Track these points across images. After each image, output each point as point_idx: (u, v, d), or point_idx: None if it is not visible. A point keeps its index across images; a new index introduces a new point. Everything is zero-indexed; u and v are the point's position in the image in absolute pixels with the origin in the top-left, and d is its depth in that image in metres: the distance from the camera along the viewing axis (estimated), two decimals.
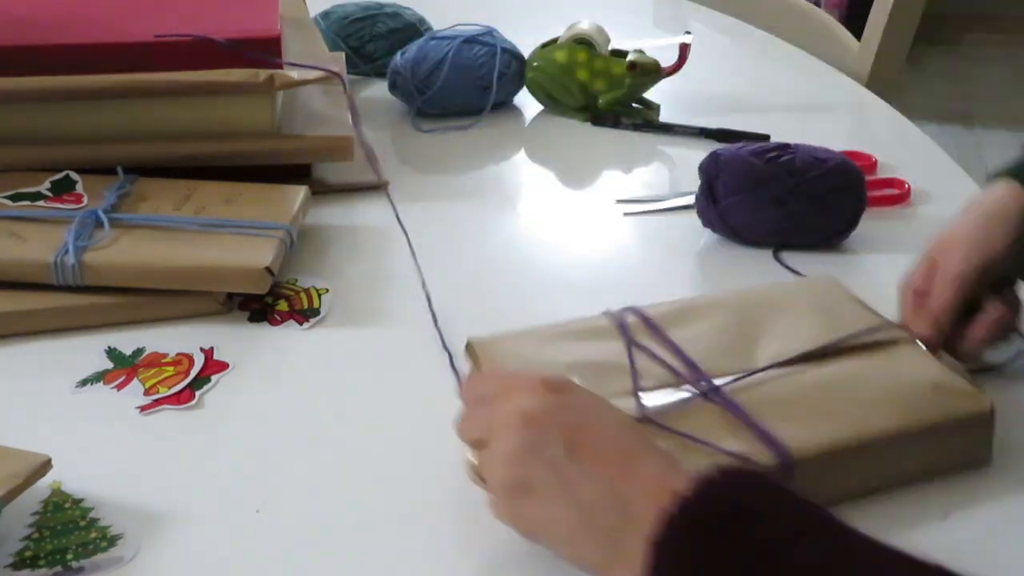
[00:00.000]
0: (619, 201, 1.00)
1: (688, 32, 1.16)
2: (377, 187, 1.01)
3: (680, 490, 0.51)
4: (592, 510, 0.53)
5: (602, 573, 0.53)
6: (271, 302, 0.84)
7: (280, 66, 0.95)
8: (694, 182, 1.02)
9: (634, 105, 1.16)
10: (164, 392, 0.75)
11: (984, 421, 0.67)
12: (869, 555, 0.48)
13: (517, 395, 0.58)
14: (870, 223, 0.93)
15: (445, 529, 0.65)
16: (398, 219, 0.96)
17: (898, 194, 1.00)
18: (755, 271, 0.88)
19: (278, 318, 0.83)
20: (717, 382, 0.67)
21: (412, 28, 1.22)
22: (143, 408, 0.74)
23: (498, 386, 0.61)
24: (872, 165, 1.04)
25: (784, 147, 0.91)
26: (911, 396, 0.66)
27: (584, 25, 1.16)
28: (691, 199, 0.99)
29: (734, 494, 0.51)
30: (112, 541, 0.63)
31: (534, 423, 0.55)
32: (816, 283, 0.79)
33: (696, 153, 1.09)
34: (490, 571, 0.63)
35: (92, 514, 0.65)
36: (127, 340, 0.80)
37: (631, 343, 0.71)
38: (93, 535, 0.63)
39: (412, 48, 1.13)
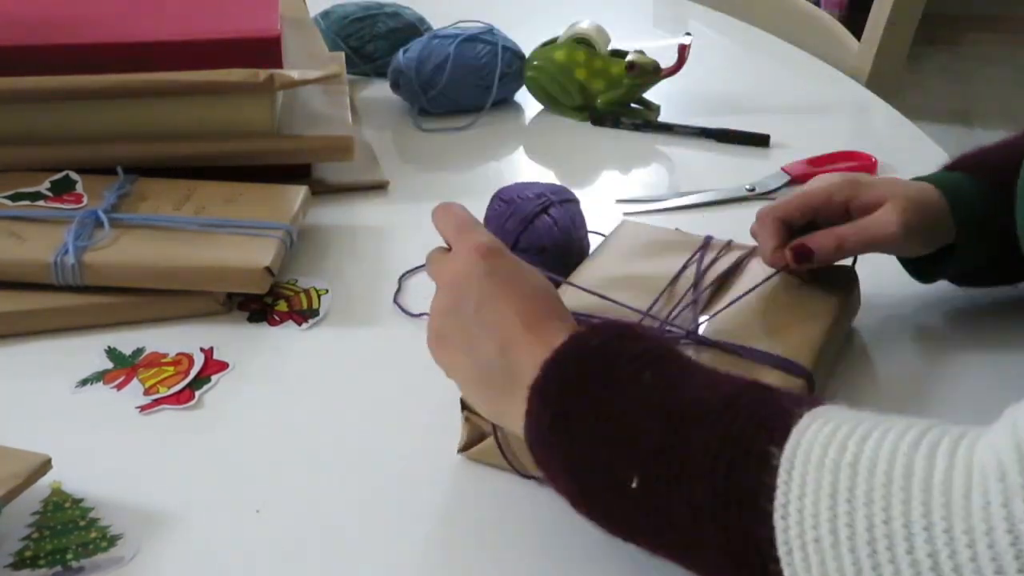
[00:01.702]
0: (619, 201, 1.00)
1: (688, 33, 1.16)
2: (377, 187, 1.02)
3: (557, 344, 0.58)
4: (488, 367, 0.61)
5: (498, 420, 0.63)
6: (271, 302, 0.84)
7: (280, 66, 0.95)
8: (694, 182, 1.03)
9: (634, 105, 1.16)
10: (164, 392, 0.75)
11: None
12: (701, 375, 0.56)
13: (455, 256, 0.66)
14: None
15: (445, 528, 0.65)
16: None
17: None
18: None
19: (277, 318, 0.83)
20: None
21: (412, 28, 1.22)
22: (143, 408, 0.74)
23: (451, 233, 0.68)
24: (872, 165, 1.04)
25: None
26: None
27: (584, 25, 1.16)
28: (691, 199, 0.99)
29: (594, 340, 0.58)
30: (112, 541, 0.63)
31: (457, 285, 0.64)
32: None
33: (696, 153, 1.10)
34: (490, 570, 0.63)
35: (92, 514, 0.65)
36: (127, 340, 0.80)
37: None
38: (93, 535, 0.63)
39: (415, 47, 1.13)
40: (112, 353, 0.79)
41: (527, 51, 1.17)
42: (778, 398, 0.54)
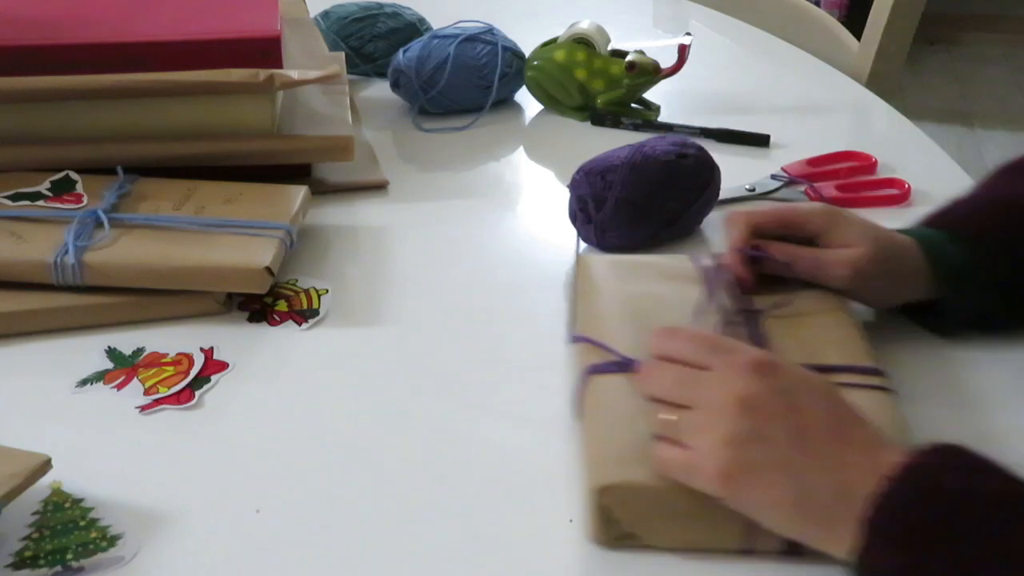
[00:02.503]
0: None
1: (688, 33, 1.16)
2: (377, 187, 1.02)
3: (891, 468, 0.54)
4: (812, 491, 0.57)
5: (816, 544, 0.58)
6: (271, 302, 0.84)
7: (280, 66, 0.95)
8: None
9: (634, 105, 1.16)
10: (164, 392, 0.75)
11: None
12: None
13: (729, 376, 0.61)
14: None
15: (445, 528, 0.65)
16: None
17: (898, 194, 1.00)
18: None
19: (277, 318, 0.83)
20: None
21: (412, 28, 1.22)
22: (143, 408, 0.74)
23: (703, 352, 0.64)
24: (872, 165, 1.04)
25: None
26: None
27: (584, 25, 1.16)
28: None
29: (942, 472, 0.54)
30: (112, 541, 0.63)
31: (755, 411, 0.60)
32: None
33: None
34: (490, 570, 0.63)
35: (92, 514, 0.65)
36: (127, 340, 0.80)
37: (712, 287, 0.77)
38: (93, 535, 0.63)
39: (415, 47, 1.13)
40: (112, 353, 0.79)
41: (527, 51, 1.17)
42: None
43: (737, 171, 1.05)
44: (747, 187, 1.01)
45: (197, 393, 0.75)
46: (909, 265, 0.77)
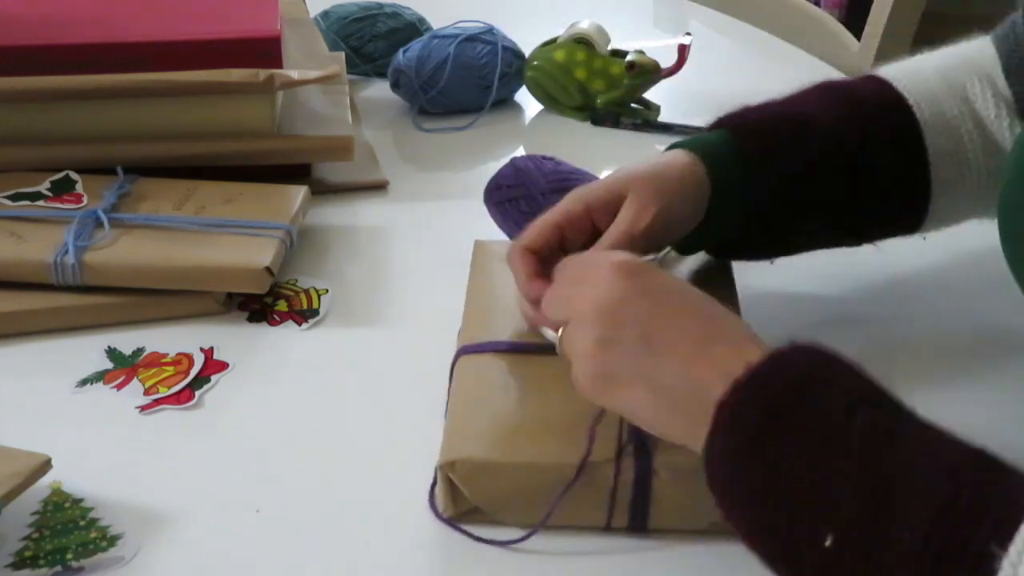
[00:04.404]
0: None
1: (688, 33, 1.16)
2: (377, 187, 1.02)
3: (752, 362, 0.53)
4: (670, 392, 0.56)
5: (685, 443, 0.56)
6: (270, 302, 0.84)
7: (280, 66, 0.95)
8: None
9: (634, 105, 1.16)
10: (164, 392, 0.75)
11: None
12: (918, 430, 0.50)
13: (593, 283, 0.60)
14: None
15: (446, 528, 0.65)
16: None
17: None
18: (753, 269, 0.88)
19: (277, 318, 0.83)
20: None
21: (412, 28, 1.22)
22: (143, 408, 0.74)
23: (576, 270, 0.63)
24: None
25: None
26: None
27: (584, 25, 1.16)
28: None
29: (800, 364, 0.52)
30: (112, 541, 0.63)
31: (609, 316, 0.58)
32: None
33: None
34: (490, 570, 0.63)
35: (92, 514, 0.65)
36: (127, 340, 0.80)
37: None
38: (93, 535, 0.63)
39: (415, 47, 1.13)
40: (112, 353, 0.79)
41: (527, 51, 1.17)
42: (1008, 477, 0.46)
43: None
44: None
45: (197, 393, 0.75)
46: (691, 177, 0.72)
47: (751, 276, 0.81)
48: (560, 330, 0.63)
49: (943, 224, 0.81)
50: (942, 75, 0.79)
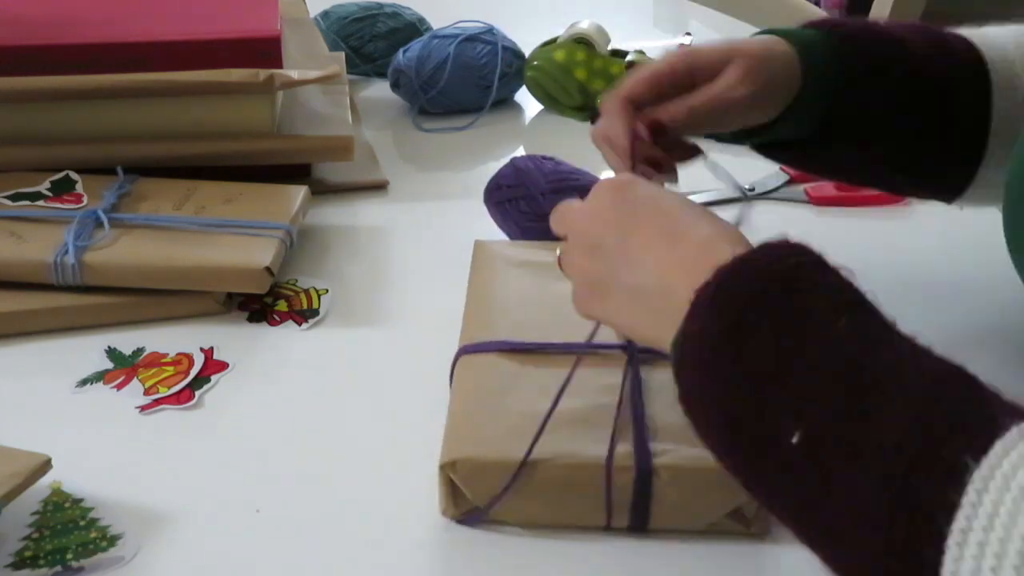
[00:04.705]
0: None
1: (688, 33, 1.16)
2: (377, 187, 1.02)
3: (722, 262, 0.51)
4: (642, 293, 0.56)
5: (660, 347, 0.55)
6: (270, 302, 0.84)
7: (280, 66, 0.95)
8: (694, 181, 1.02)
9: None
10: (164, 392, 0.75)
11: None
12: (901, 340, 0.49)
13: (588, 200, 0.62)
14: (869, 222, 0.94)
15: (446, 528, 0.65)
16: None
17: None
18: None
19: (277, 318, 0.83)
20: None
21: (412, 28, 1.22)
22: (143, 408, 0.74)
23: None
24: None
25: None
26: None
27: (584, 25, 1.16)
28: (691, 199, 0.98)
29: (788, 258, 0.51)
30: (112, 541, 0.63)
31: (595, 219, 0.60)
32: None
33: None
34: (490, 569, 0.63)
35: (92, 514, 0.65)
36: (127, 340, 0.80)
37: None
38: (93, 535, 0.63)
39: (415, 47, 1.14)
40: (112, 353, 0.79)
41: (527, 51, 1.17)
42: (986, 396, 0.45)
43: (737, 170, 1.05)
44: (747, 187, 1.01)
45: (197, 393, 0.75)
46: (784, 61, 0.74)
47: None
48: (559, 249, 0.64)
49: (982, 197, 0.80)
50: (1015, 41, 0.79)
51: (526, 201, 0.88)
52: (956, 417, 0.44)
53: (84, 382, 0.76)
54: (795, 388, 0.47)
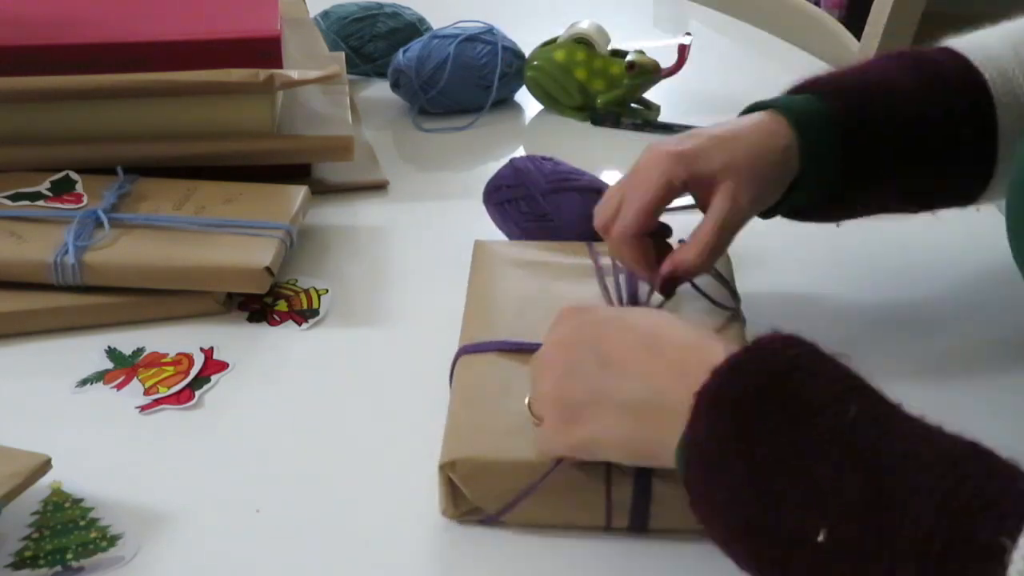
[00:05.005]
0: None
1: (688, 33, 1.16)
2: (377, 187, 1.02)
3: (715, 362, 0.51)
4: (632, 405, 0.55)
5: (659, 460, 0.55)
6: (270, 302, 0.84)
7: (280, 66, 0.95)
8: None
9: (634, 105, 1.16)
10: (164, 392, 0.75)
11: None
12: (909, 422, 0.48)
13: (549, 334, 0.62)
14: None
15: (446, 528, 0.65)
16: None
17: None
18: (753, 269, 0.88)
19: (277, 318, 0.83)
20: None
21: (412, 28, 1.22)
22: (143, 408, 0.74)
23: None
24: None
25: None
26: None
27: (584, 25, 1.16)
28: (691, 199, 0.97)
29: (783, 352, 0.51)
30: (112, 541, 0.63)
31: (565, 348, 0.60)
32: None
33: None
34: (490, 569, 0.63)
35: (92, 514, 0.65)
36: (127, 340, 0.80)
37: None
38: (93, 535, 0.63)
39: (415, 47, 1.13)
40: (112, 353, 0.79)
41: (527, 51, 1.17)
42: (1007, 470, 0.45)
43: None
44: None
45: (197, 393, 0.75)
46: (782, 149, 0.73)
47: (750, 275, 0.81)
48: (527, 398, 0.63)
49: (998, 196, 0.80)
50: (1013, 49, 0.79)
51: (526, 201, 0.88)
52: (983, 497, 0.43)
53: (84, 382, 0.76)
54: (814, 485, 0.46)
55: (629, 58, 1.13)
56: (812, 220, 0.80)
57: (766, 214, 0.78)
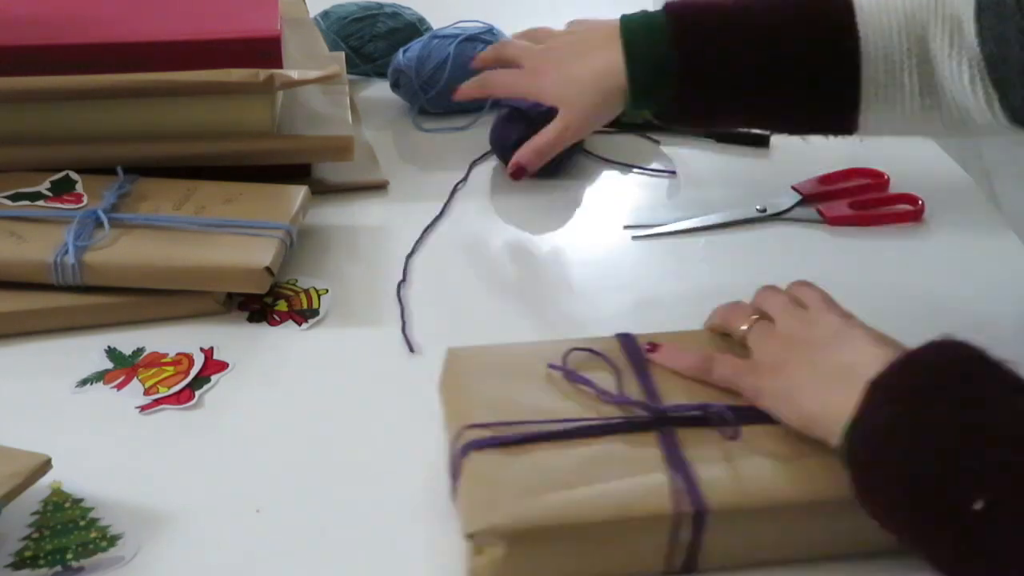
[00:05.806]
0: (627, 227, 0.97)
1: None
2: (377, 187, 1.02)
3: (893, 355, 0.58)
4: (826, 373, 0.61)
5: (824, 423, 0.59)
6: (270, 302, 0.84)
7: (280, 66, 0.95)
8: (695, 184, 1.03)
9: None
10: (164, 392, 0.75)
11: None
12: None
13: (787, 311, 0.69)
14: (884, 243, 0.93)
15: (445, 528, 0.65)
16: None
17: (913, 210, 0.97)
18: (751, 271, 0.88)
19: (277, 318, 0.83)
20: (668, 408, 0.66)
21: (412, 28, 1.22)
22: (143, 408, 0.74)
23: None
24: (885, 182, 1.02)
25: None
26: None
27: None
28: (700, 221, 0.97)
29: (958, 351, 0.56)
30: (112, 541, 0.63)
31: (799, 320, 0.67)
32: None
33: (696, 154, 1.09)
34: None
35: (92, 514, 0.65)
36: (127, 340, 0.80)
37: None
38: (93, 535, 0.63)
39: (415, 47, 1.13)
40: (112, 353, 0.79)
41: None
42: None
43: (738, 173, 1.05)
44: (757, 208, 0.98)
45: (197, 393, 0.75)
46: (616, 104, 0.91)
47: (750, 277, 0.81)
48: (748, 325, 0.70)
49: (875, 135, 0.87)
50: (906, 10, 0.83)
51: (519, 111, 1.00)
52: None
53: (84, 382, 0.76)
54: (976, 458, 0.51)
55: None
56: (679, 125, 0.99)
57: (633, 118, 0.97)
